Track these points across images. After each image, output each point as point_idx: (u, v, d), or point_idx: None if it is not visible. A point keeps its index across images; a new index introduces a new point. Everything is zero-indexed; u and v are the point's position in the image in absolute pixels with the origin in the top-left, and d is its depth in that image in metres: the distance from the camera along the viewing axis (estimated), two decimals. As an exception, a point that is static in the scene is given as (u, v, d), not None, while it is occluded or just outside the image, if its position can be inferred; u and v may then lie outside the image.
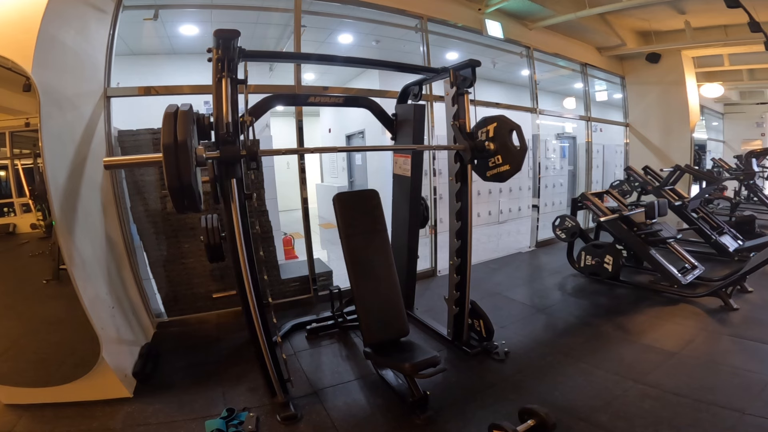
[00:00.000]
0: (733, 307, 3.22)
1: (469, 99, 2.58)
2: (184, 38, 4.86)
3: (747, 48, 5.89)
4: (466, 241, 2.68)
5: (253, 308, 2.05)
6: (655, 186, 5.49)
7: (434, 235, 4.37)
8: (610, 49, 6.46)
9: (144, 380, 2.43)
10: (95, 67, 2.87)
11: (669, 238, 3.94)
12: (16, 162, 1.99)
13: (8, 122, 1.97)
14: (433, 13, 4.44)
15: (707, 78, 7.36)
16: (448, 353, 2.75)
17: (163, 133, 1.51)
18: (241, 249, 2.00)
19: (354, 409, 2.19)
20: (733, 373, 2.34)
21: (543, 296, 3.91)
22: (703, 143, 11.07)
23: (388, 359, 2.26)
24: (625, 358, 2.60)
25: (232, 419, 2.02)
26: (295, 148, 2.70)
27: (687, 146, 6.48)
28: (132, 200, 3.15)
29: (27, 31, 1.95)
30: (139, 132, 3.16)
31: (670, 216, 4.65)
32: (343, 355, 2.81)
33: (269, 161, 4.24)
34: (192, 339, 3.09)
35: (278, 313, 3.00)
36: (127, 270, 3.01)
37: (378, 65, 3.92)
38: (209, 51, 1.93)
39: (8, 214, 2.03)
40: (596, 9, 4.95)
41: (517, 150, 2.30)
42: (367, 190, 2.70)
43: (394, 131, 3.11)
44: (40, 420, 2.08)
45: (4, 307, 2.14)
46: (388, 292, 2.47)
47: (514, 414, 1.90)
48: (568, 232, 4.32)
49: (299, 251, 4.97)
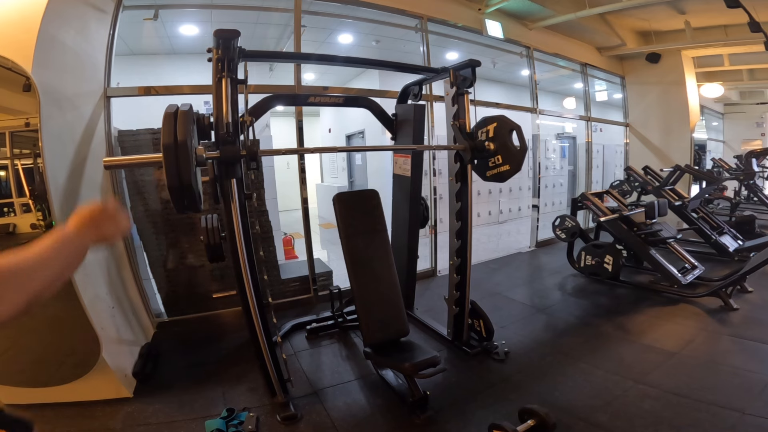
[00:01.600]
0: (733, 307, 3.21)
1: (469, 99, 2.58)
2: (184, 38, 4.86)
3: (747, 48, 5.88)
4: (466, 241, 2.68)
5: (253, 308, 2.05)
6: (655, 186, 5.48)
7: (434, 235, 4.37)
8: (610, 49, 6.46)
9: (144, 380, 2.43)
10: (95, 67, 2.87)
11: (669, 238, 3.94)
12: (16, 162, 1.99)
13: (8, 122, 1.97)
14: (433, 13, 4.44)
15: (707, 78, 7.36)
16: (448, 353, 2.75)
17: (163, 133, 1.51)
18: (241, 249, 2.00)
19: (354, 409, 2.19)
20: (733, 373, 2.34)
21: (543, 296, 3.91)
22: (703, 143, 11.07)
23: (388, 359, 2.26)
24: (625, 358, 2.60)
25: (232, 419, 2.02)
26: (295, 148, 2.70)
27: (687, 146, 6.48)
28: (132, 200, 3.15)
29: (27, 31, 1.95)
30: (139, 132, 3.16)
31: (670, 216, 4.64)
32: (343, 355, 2.81)
33: (269, 161, 4.24)
34: (192, 339, 3.09)
35: (278, 313, 3.00)
36: (127, 270, 3.01)
37: (378, 65, 3.92)
38: (209, 51, 1.93)
39: (8, 214, 2.03)
40: (596, 9, 4.96)
41: (517, 150, 2.30)
42: (367, 190, 2.70)
43: (394, 131, 3.11)
44: (40, 420, 2.08)
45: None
46: (388, 292, 2.47)
47: (514, 414, 1.90)
48: (568, 232, 4.32)
49: (299, 251, 4.97)
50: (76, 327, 2.09)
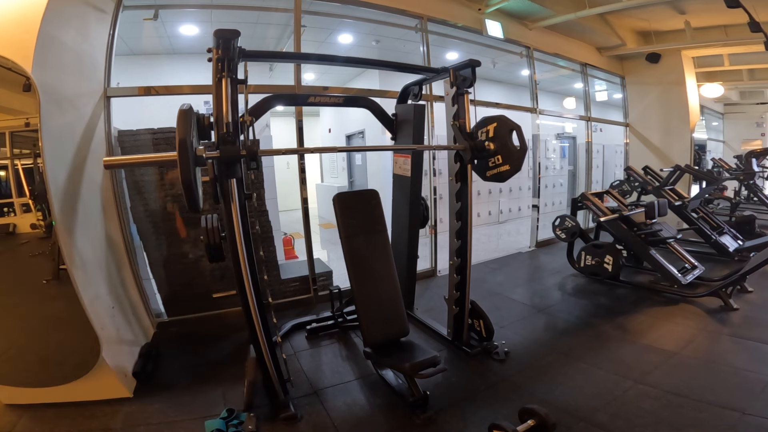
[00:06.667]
0: (733, 307, 3.21)
1: (469, 99, 2.58)
2: (184, 38, 4.85)
3: (747, 48, 5.88)
4: (466, 241, 2.68)
5: (253, 308, 2.05)
6: (655, 186, 5.49)
7: (434, 235, 4.37)
8: (610, 49, 6.46)
9: (144, 380, 2.43)
10: (95, 67, 2.87)
11: (669, 238, 3.94)
12: (16, 162, 1.99)
13: (8, 122, 1.97)
14: (433, 13, 4.44)
15: (707, 78, 7.35)
16: (448, 353, 2.75)
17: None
18: (241, 249, 2.00)
19: (354, 409, 2.19)
20: (733, 373, 2.34)
21: (543, 296, 3.90)
22: (703, 143, 11.06)
23: (388, 359, 2.26)
24: (625, 358, 2.60)
25: (232, 419, 2.01)
26: (295, 148, 2.70)
27: (687, 146, 6.48)
28: (132, 200, 3.15)
29: (27, 31, 1.95)
30: (139, 132, 3.16)
31: (670, 216, 4.64)
32: (343, 355, 2.81)
33: (269, 161, 4.24)
34: (192, 339, 3.09)
35: (278, 313, 3.00)
36: (127, 270, 3.01)
37: (378, 65, 3.92)
38: (209, 51, 1.92)
39: (8, 214, 2.03)
40: (596, 9, 4.96)
41: (517, 150, 2.30)
42: (367, 190, 2.69)
43: (394, 131, 3.11)
44: (40, 420, 2.08)
45: (4, 307, 2.14)
46: (388, 292, 2.47)
47: (514, 414, 1.90)
48: (568, 232, 4.32)
49: (299, 251, 4.97)
50: (76, 327, 2.09)
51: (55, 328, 2.21)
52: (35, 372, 2.21)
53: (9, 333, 2.18)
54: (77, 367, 2.16)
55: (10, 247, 2.09)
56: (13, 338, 2.19)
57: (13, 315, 2.17)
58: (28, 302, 2.19)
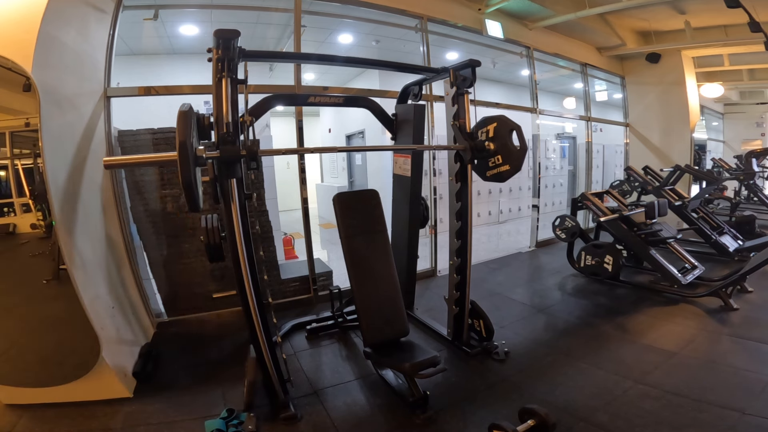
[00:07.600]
0: (733, 307, 3.21)
1: (469, 99, 2.58)
2: (184, 38, 4.85)
3: (747, 48, 5.88)
4: (466, 241, 2.68)
5: (253, 308, 2.05)
6: (655, 186, 5.48)
7: (434, 235, 4.37)
8: (610, 49, 6.46)
9: (144, 380, 2.43)
10: (95, 67, 2.87)
11: (669, 238, 3.94)
12: (16, 162, 1.99)
13: (8, 122, 1.97)
14: (433, 13, 4.44)
15: (707, 78, 7.35)
16: (448, 353, 2.75)
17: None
18: (241, 249, 2.00)
19: (354, 409, 2.19)
20: (733, 373, 2.34)
21: (543, 296, 3.90)
22: (703, 143, 11.07)
23: (388, 359, 2.26)
24: (625, 358, 2.60)
25: (232, 419, 2.01)
26: (295, 148, 2.69)
27: (687, 146, 6.48)
28: (132, 200, 3.15)
29: (27, 31, 1.95)
30: (139, 132, 3.16)
31: (670, 216, 4.64)
32: (343, 355, 2.81)
33: (269, 161, 4.24)
34: (192, 339, 3.09)
35: (278, 313, 3.00)
36: (127, 270, 3.01)
37: (378, 65, 3.92)
38: (209, 51, 1.92)
39: (8, 214, 2.03)
40: (596, 9, 4.96)
41: (517, 150, 2.30)
42: (367, 190, 2.70)
43: (394, 131, 3.11)
44: (40, 420, 2.08)
45: (4, 307, 2.14)
46: (388, 292, 2.47)
47: (514, 414, 1.90)
48: (568, 232, 4.32)
49: (299, 251, 4.97)
50: (76, 327, 2.08)
51: (55, 328, 2.21)
52: (35, 372, 2.21)
53: (9, 333, 2.18)
54: (77, 367, 2.16)
55: (10, 247, 2.09)
56: (13, 338, 2.19)
57: (13, 315, 2.17)
58: (28, 302, 2.19)
